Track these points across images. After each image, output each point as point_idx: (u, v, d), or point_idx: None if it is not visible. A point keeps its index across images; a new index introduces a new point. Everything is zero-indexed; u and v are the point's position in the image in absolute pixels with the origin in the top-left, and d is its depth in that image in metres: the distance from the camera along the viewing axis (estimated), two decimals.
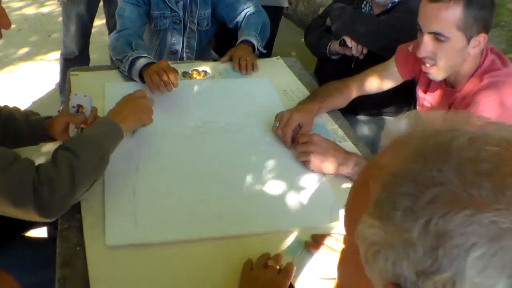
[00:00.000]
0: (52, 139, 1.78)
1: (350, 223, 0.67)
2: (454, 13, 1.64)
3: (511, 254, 0.49)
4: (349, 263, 0.69)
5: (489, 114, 1.65)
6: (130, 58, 2.17)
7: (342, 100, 2.14)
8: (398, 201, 0.56)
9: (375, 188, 0.60)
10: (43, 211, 1.30)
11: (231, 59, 2.43)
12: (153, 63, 2.14)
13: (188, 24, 2.61)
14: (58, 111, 2.18)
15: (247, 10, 2.61)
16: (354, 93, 2.15)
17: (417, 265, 0.54)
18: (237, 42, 2.48)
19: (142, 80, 2.14)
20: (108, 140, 1.53)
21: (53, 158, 1.39)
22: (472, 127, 0.59)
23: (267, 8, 2.85)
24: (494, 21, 4.72)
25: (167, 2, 2.51)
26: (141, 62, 2.15)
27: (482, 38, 1.69)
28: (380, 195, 0.59)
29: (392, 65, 2.09)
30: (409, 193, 0.55)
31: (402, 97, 2.44)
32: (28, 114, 1.81)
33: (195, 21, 2.60)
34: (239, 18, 2.61)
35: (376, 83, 2.13)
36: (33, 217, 1.30)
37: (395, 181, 0.58)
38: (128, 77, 2.22)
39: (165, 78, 2.00)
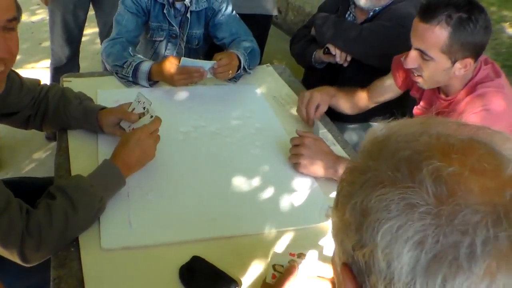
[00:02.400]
0: (101, 129, 1.80)
1: None
2: (440, 36, 1.67)
3: (415, 227, 0.54)
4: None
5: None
6: (134, 64, 2.22)
7: (352, 103, 2.22)
8: (343, 188, 0.65)
9: (338, 182, 0.69)
10: (24, 260, 1.30)
11: None
12: (155, 63, 2.22)
13: (179, 40, 2.65)
14: None
15: (237, 35, 2.58)
16: (362, 102, 2.23)
17: (352, 241, 0.61)
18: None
19: (150, 84, 2.24)
20: (110, 191, 1.52)
21: (48, 204, 1.35)
22: (419, 125, 0.65)
23: (256, 16, 2.88)
24: None
25: (166, 15, 2.53)
26: (145, 65, 2.21)
27: (468, 62, 1.71)
28: (338, 186, 0.68)
29: (389, 76, 2.15)
30: (350, 180, 0.64)
31: (390, 105, 2.48)
32: (82, 99, 1.84)
33: (185, 38, 2.63)
34: (226, 40, 2.60)
35: (381, 95, 2.20)
36: (16, 260, 1.30)
37: (346, 173, 0.67)
38: (127, 83, 2.26)
39: (196, 74, 2.14)
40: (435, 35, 1.68)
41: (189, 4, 2.51)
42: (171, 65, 2.13)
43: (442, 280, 0.53)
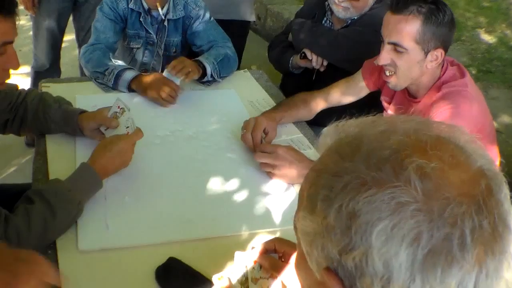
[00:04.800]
0: (81, 132, 1.82)
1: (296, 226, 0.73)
2: (413, 26, 1.75)
3: (409, 224, 0.56)
4: (302, 265, 0.73)
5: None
6: (116, 71, 2.24)
7: (307, 111, 2.21)
8: (319, 192, 0.64)
9: (306, 186, 0.69)
10: None
11: None
12: (141, 74, 2.24)
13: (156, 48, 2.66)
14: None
15: (214, 42, 2.59)
16: (320, 105, 2.22)
17: (338, 245, 0.61)
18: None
19: (130, 90, 2.25)
20: (88, 195, 1.54)
21: (26, 209, 1.37)
22: (384, 124, 0.67)
23: (234, 22, 2.90)
24: (456, 35, 4.90)
25: (142, 23, 2.54)
26: (129, 74, 2.24)
27: (439, 53, 1.79)
28: (308, 190, 0.68)
29: (359, 78, 2.19)
30: (327, 184, 0.64)
31: (367, 108, 2.52)
32: (61, 102, 1.86)
33: (162, 46, 2.65)
34: (204, 47, 2.60)
35: (343, 95, 2.21)
36: None
37: (318, 176, 0.66)
38: (105, 88, 2.28)
39: (172, 94, 2.17)
40: (408, 24, 1.75)
41: (165, 13, 2.53)
42: (159, 80, 2.19)
43: (441, 272, 0.56)
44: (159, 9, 2.48)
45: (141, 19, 2.53)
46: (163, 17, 2.52)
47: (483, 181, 0.60)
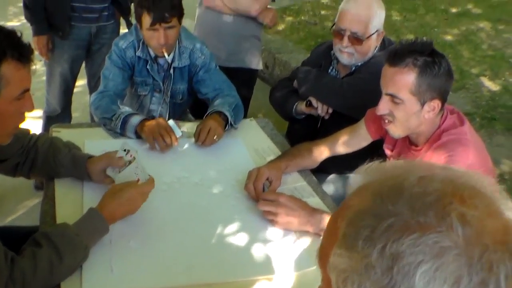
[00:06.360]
0: (89, 177, 1.87)
1: (324, 259, 0.75)
2: (408, 78, 1.80)
3: (451, 268, 0.60)
4: None
5: None
6: (122, 116, 2.30)
7: (312, 160, 2.25)
8: (360, 232, 0.66)
9: (342, 224, 0.71)
10: None
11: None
12: (146, 119, 2.28)
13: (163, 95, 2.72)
14: None
15: (220, 91, 2.63)
16: (324, 154, 2.26)
17: (377, 284, 0.63)
18: (209, 111, 2.44)
19: (137, 136, 2.29)
20: (94, 240, 1.58)
21: (33, 252, 1.40)
22: (421, 170, 0.71)
23: (242, 70, 2.95)
24: (460, 84, 4.95)
25: (149, 70, 2.61)
26: (136, 119, 2.29)
27: (436, 104, 1.83)
28: (346, 229, 0.70)
29: (361, 126, 2.22)
30: (368, 224, 0.66)
31: (370, 156, 2.54)
32: (70, 147, 1.92)
33: (169, 93, 2.71)
34: (210, 95, 2.65)
35: (346, 143, 2.24)
36: None
37: (358, 216, 0.69)
38: (114, 134, 2.33)
39: (168, 140, 2.18)
40: (404, 76, 1.80)
41: (171, 61, 2.60)
42: (160, 126, 2.23)
43: None
44: (166, 56, 2.54)
45: (147, 67, 2.60)
46: (170, 60, 2.59)
47: None
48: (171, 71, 2.64)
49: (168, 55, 2.56)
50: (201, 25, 3.42)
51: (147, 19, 2.38)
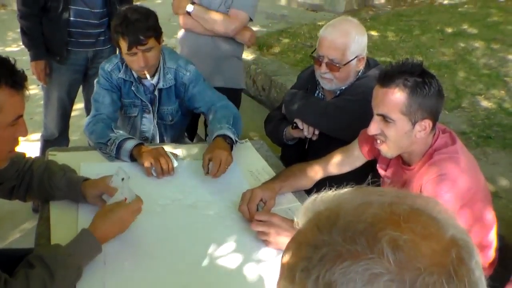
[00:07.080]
0: (84, 199, 1.89)
1: None
2: (399, 99, 1.82)
3: None
4: None
5: (432, 190, 1.80)
6: (117, 142, 2.31)
7: (306, 180, 2.26)
8: (298, 263, 0.68)
9: (286, 256, 0.73)
10: None
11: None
12: (141, 143, 2.31)
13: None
14: None
15: (211, 103, 2.64)
16: (319, 175, 2.27)
17: None
18: (213, 137, 2.40)
19: (132, 159, 2.30)
20: (87, 260, 1.60)
21: (26, 274, 1.42)
22: (364, 197, 0.71)
23: (224, 90, 2.95)
24: (456, 103, 4.97)
25: (135, 92, 2.63)
26: (130, 143, 2.31)
27: (427, 123, 1.85)
28: (288, 260, 0.71)
29: (355, 147, 2.24)
30: (305, 255, 0.67)
31: (364, 176, 2.55)
32: (66, 170, 1.94)
33: (156, 115, 2.72)
34: (203, 108, 2.67)
35: (340, 164, 2.26)
36: None
37: (298, 248, 0.70)
38: (109, 158, 2.35)
39: (165, 166, 2.20)
40: (395, 97, 1.82)
41: (156, 82, 2.61)
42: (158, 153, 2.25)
43: None
44: (148, 78, 2.55)
45: (133, 88, 2.62)
46: (155, 82, 2.60)
47: (454, 250, 0.63)
48: (156, 92, 2.65)
49: (151, 77, 2.57)
50: (183, 47, 3.46)
51: (123, 44, 2.39)
